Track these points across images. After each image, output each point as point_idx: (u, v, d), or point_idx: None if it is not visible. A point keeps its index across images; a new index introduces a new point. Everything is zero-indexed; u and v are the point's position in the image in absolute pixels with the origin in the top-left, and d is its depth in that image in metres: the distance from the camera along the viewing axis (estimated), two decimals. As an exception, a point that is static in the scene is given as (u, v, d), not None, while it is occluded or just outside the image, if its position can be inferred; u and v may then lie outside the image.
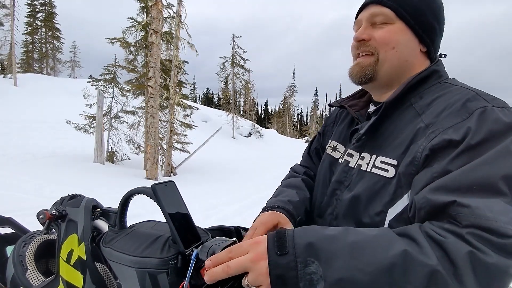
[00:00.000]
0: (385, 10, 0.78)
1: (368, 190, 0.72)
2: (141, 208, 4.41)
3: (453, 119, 0.63)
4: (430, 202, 0.57)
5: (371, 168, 0.74)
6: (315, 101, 48.04)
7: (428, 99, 0.73)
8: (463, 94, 0.67)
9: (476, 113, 0.61)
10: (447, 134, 0.62)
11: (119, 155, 12.00)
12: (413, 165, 0.65)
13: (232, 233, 0.82)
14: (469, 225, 0.51)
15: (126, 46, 11.21)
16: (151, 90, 9.29)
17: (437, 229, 0.54)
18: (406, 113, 0.74)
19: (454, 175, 0.57)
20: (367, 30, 0.80)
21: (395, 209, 0.67)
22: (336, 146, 0.92)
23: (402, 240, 0.53)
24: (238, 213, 5.83)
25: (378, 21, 0.79)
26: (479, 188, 0.54)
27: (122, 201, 0.76)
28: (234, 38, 26.79)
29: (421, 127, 0.68)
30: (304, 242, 0.54)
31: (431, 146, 0.63)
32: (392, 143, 0.72)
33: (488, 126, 0.59)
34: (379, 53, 0.78)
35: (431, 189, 0.58)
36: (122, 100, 12.26)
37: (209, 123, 24.81)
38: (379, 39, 0.78)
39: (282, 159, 15.51)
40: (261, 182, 9.55)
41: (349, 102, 0.93)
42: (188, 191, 7.45)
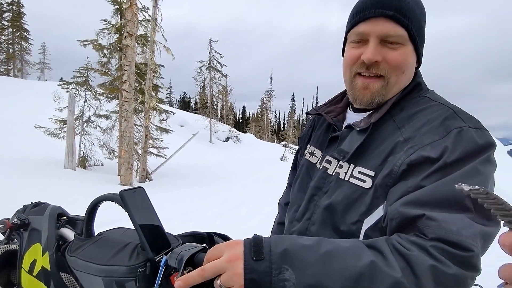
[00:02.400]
0: (400, 31, 0.72)
1: (346, 199, 0.74)
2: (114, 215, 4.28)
3: (431, 136, 0.65)
4: (401, 214, 0.60)
5: (349, 177, 0.75)
6: (292, 106, 48.68)
7: (409, 112, 0.74)
8: (442, 111, 0.69)
9: (454, 132, 0.64)
10: (425, 151, 0.64)
11: (91, 160, 11.58)
12: (390, 177, 0.67)
13: (204, 239, 0.81)
14: (435, 238, 0.55)
15: (99, 49, 10.89)
16: (126, 94, 9.06)
17: (404, 242, 0.57)
18: (385, 126, 0.75)
19: (425, 190, 0.60)
20: (379, 50, 0.73)
21: (371, 219, 0.69)
22: (314, 151, 0.93)
23: (370, 251, 0.56)
24: (216, 217, 5.78)
25: (391, 41, 0.73)
26: (447, 204, 0.57)
27: (89, 208, 0.74)
28: (211, 42, 26.73)
29: (400, 141, 0.70)
30: (279, 250, 0.56)
31: (409, 161, 0.65)
32: (370, 154, 0.74)
33: (463, 146, 0.62)
34: (390, 77, 0.75)
35: (403, 202, 0.61)
36: (95, 104, 11.87)
37: (186, 128, 24.51)
38: (393, 63, 0.73)
39: (260, 164, 15.57)
40: (239, 186, 9.53)
41: (326, 109, 0.93)
42: (165, 196, 7.30)
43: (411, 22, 0.72)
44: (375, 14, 0.72)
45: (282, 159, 21.96)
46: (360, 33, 0.75)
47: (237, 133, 29.69)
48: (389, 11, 0.71)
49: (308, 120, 1.09)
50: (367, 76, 0.76)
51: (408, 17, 0.72)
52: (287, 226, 0.91)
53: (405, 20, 0.72)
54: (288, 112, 49.25)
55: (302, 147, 1.03)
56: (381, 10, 0.72)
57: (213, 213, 6.02)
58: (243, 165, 15.15)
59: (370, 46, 0.73)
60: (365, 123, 0.76)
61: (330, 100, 0.97)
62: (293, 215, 0.88)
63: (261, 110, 46.22)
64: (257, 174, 12.19)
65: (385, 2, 0.72)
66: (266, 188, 9.17)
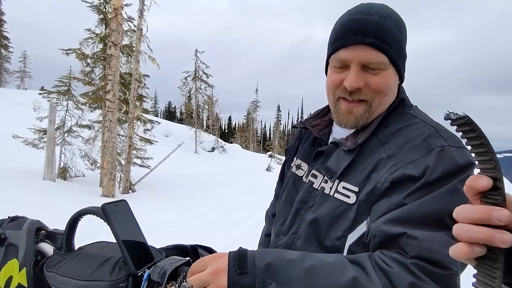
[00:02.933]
0: (381, 57, 0.73)
1: (330, 214, 0.74)
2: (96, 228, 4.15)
3: (414, 154, 0.67)
4: (383, 232, 0.62)
5: (333, 192, 0.76)
6: (278, 117, 49.05)
7: (393, 129, 0.75)
8: (424, 129, 0.71)
9: (435, 151, 0.65)
10: (407, 169, 0.65)
11: (72, 171, 11.26)
12: (373, 194, 0.68)
13: (189, 252, 0.81)
14: (415, 256, 0.57)
15: (83, 58, 10.74)
16: (109, 104, 8.92)
17: (386, 258, 0.59)
18: (370, 142, 0.76)
19: (407, 208, 0.62)
20: (361, 76, 0.74)
21: (354, 235, 0.70)
22: (300, 164, 0.93)
23: (353, 267, 0.58)
24: (200, 229, 5.69)
25: (372, 67, 0.74)
26: (428, 222, 0.59)
27: (70, 222, 0.73)
28: (197, 53, 26.79)
29: (383, 158, 0.71)
30: (263, 264, 0.57)
31: (392, 179, 0.66)
32: (354, 170, 0.75)
33: (444, 165, 0.63)
34: (373, 101, 0.76)
35: (386, 219, 0.63)
36: (77, 114, 11.62)
37: (171, 138, 24.25)
38: (376, 88, 0.75)
39: (246, 174, 15.52)
40: (224, 197, 9.44)
41: (312, 123, 0.93)
42: (148, 208, 7.14)
43: (391, 46, 0.73)
44: (355, 41, 0.72)
45: (268, 170, 21.96)
46: (341, 60, 0.76)
47: (222, 143, 29.56)
48: (368, 38, 0.71)
49: (295, 132, 1.10)
50: (350, 100, 0.77)
51: (388, 42, 0.72)
52: (273, 239, 0.92)
53: (385, 46, 0.72)
54: (274, 123, 49.58)
55: (289, 159, 1.04)
56: (360, 38, 0.72)
57: (198, 225, 5.93)
58: (228, 175, 15.07)
59: (352, 73, 0.74)
60: (352, 143, 0.77)
61: (316, 113, 0.98)
62: (280, 229, 0.88)
63: (247, 120, 46.34)
64: (242, 184, 12.13)
65: (364, 29, 0.72)
66: (251, 199, 9.13)
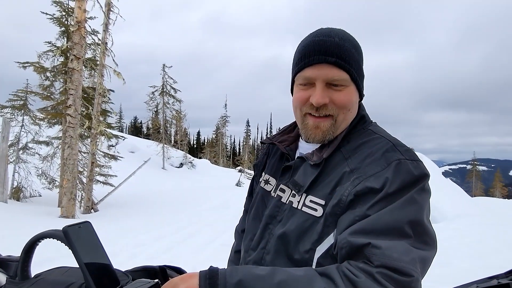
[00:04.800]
0: (343, 75, 0.78)
1: (298, 228, 0.76)
2: (54, 252, 3.86)
3: (374, 167, 0.72)
4: (349, 243, 0.65)
5: (301, 206, 0.78)
6: (247, 131, 49.34)
7: (354, 144, 0.80)
8: (383, 144, 0.76)
9: (393, 164, 0.71)
10: (369, 182, 0.70)
11: (27, 191, 10.48)
12: (338, 207, 0.72)
13: (157, 273, 0.78)
14: (380, 265, 0.60)
15: (41, 71, 10.20)
16: (70, 119, 8.50)
17: (353, 268, 0.61)
18: (334, 157, 0.81)
19: (370, 219, 0.66)
20: (325, 92, 0.79)
21: (322, 247, 0.73)
22: (269, 179, 0.95)
23: (322, 279, 0.60)
24: (169, 248, 5.49)
25: (336, 83, 0.79)
26: (389, 231, 0.64)
27: (26, 247, 0.68)
28: (164, 68, 26.50)
29: (347, 171, 0.75)
30: (234, 281, 0.57)
31: (355, 192, 0.70)
32: (320, 184, 0.78)
33: (401, 177, 0.69)
34: (338, 116, 0.80)
35: (351, 231, 0.66)
36: (34, 130, 10.93)
37: (137, 154, 23.46)
38: (340, 104, 0.79)
39: (215, 190, 15.30)
40: (193, 214, 9.21)
41: (279, 138, 0.96)
42: (112, 228, 6.78)
43: (351, 65, 0.79)
44: (319, 60, 0.78)
45: (238, 185, 21.83)
46: (306, 78, 0.80)
47: (191, 158, 29.06)
48: (331, 58, 0.77)
49: (263, 147, 1.11)
50: (317, 116, 0.81)
51: (348, 61, 0.78)
52: (243, 255, 0.91)
53: (346, 65, 0.78)
54: (243, 138, 49.77)
55: (258, 174, 1.05)
56: (323, 57, 0.77)
57: (166, 244, 5.71)
58: (197, 191, 14.76)
59: (318, 90, 0.79)
60: (318, 158, 0.80)
61: (283, 130, 1.01)
62: (249, 244, 0.89)
63: (216, 135, 46.10)
64: (212, 201, 11.93)
65: (327, 50, 0.77)
66: (221, 216, 8.99)
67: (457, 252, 5.03)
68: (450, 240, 5.76)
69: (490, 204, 12.21)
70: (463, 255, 4.91)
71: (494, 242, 5.65)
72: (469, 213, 8.04)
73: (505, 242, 5.63)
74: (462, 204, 8.99)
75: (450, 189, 9.99)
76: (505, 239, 5.82)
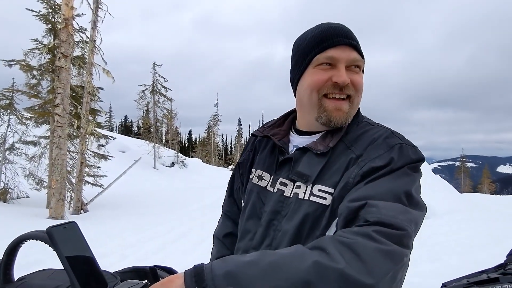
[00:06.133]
0: (360, 58, 0.84)
1: (309, 217, 0.77)
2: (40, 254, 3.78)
3: (378, 151, 0.77)
4: (347, 208, 0.68)
5: (308, 196, 0.79)
6: (239, 130, 49.32)
7: (354, 134, 0.84)
8: (382, 132, 0.81)
9: (396, 147, 0.76)
10: (374, 163, 0.74)
11: (14, 192, 10.26)
12: (345, 189, 0.75)
13: (147, 274, 0.76)
14: (375, 222, 0.62)
15: (28, 70, 9.97)
16: (58, 118, 8.34)
17: (347, 234, 0.62)
18: (337, 146, 0.83)
19: (369, 186, 0.71)
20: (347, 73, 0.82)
21: (330, 231, 0.75)
22: (262, 174, 0.92)
23: (313, 252, 0.59)
24: (160, 249, 5.44)
25: (355, 65, 0.83)
26: (386, 196, 0.68)
27: (8, 250, 0.65)
28: (154, 66, 26.24)
29: (353, 158, 0.79)
30: (222, 272, 0.55)
31: (362, 172, 0.74)
32: (328, 173, 0.79)
33: (404, 158, 0.75)
34: (354, 99, 0.84)
35: (350, 198, 0.70)
36: (21, 129, 10.69)
37: (128, 153, 23.19)
38: (357, 85, 0.83)
39: (207, 189, 15.24)
40: (185, 213, 9.16)
41: (271, 131, 0.94)
42: (102, 229, 6.68)
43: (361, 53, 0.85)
44: (344, 42, 0.82)
45: (230, 184, 21.76)
46: (330, 58, 0.81)
47: (183, 158, 28.86)
48: (353, 41, 0.83)
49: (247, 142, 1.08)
50: (338, 98, 0.82)
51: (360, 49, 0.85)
52: None
53: (361, 51, 0.85)
54: (235, 136, 49.76)
55: (244, 172, 1.02)
56: (347, 40, 0.82)
57: (157, 245, 5.66)
58: (189, 191, 14.69)
59: (342, 70, 0.81)
60: (324, 147, 0.82)
61: (271, 123, 0.99)
62: (249, 244, 0.86)
63: (208, 134, 45.92)
64: (203, 200, 11.88)
65: (348, 34, 0.83)
66: (213, 215, 8.95)
67: (446, 248, 5.11)
68: (439, 236, 5.85)
69: (478, 200, 12.46)
70: (452, 251, 4.99)
71: (483, 238, 5.77)
72: (458, 209, 8.19)
73: (494, 237, 5.75)
74: (452, 200, 9.15)
75: (440, 186, 10.16)
76: (494, 235, 5.94)
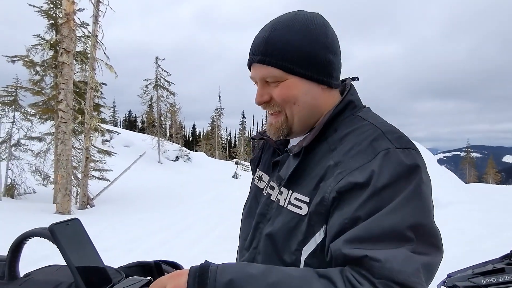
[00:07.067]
0: (273, 71, 0.74)
1: (284, 227, 0.73)
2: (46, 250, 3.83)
3: (359, 160, 0.65)
4: (344, 256, 0.59)
5: (287, 204, 0.74)
6: (243, 123, 49.24)
7: (341, 133, 0.74)
8: (370, 132, 0.69)
9: (380, 155, 0.64)
10: (353, 177, 0.63)
11: (21, 188, 10.39)
12: (322, 205, 0.66)
13: (152, 269, 0.76)
14: (380, 278, 0.55)
15: (31, 66, 10.01)
16: (62, 114, 8.38)
17: (356, 274, 0.57)
18: (319, 148, 0.75)
19: (364, 225, 0.59)
20: (265, 90, 0.77)
21: (309, 247, 0.68)
22: (262, 176, 0.91)
23: (321, 282, 0.56)
24: (165, 242, 5.50)
25: (270, 81, 0.76)
26: (387, 238, 0.57)
27: (13, 247, 0.65)
28: (157, 60, 26.19)
29: (331, 165, 0.69)
30: (224, 280, 0.55)
31: (338, 188, 0.64)
32: (305, 180, 0.73)
33: (390, 169, 0.61)
34: (285, 111, 0.77)
35: (345, 241, 0.60)
36: (26, 126, 10.78)
37: (132, 148, 23.31)
38: (278, 99, 0.76)
39: (212, 182, 15.31)
40: (189, 207, 9.23)
41: None
42: (108, 223, 6.77)
43: (282, 58, 0.73)
44: (250, 62, 0.78)
45: (235, 177, 21.88)
46: (251, 78, 0.81)
47: (187, 152, 28.96)
48: (256, 56, 0.76)
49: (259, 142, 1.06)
50: (271, 113, 0.80)
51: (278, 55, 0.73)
52: (238, 256, 0.89)
53: (273, 60, 0.73)
54: (239, 130, 49.74)
55: (253, 170, 1.02)
56: (252, 57, 0.77)
57: (162, 239, 5.72)
58: (194, 184, 14.77)
59: (257, 90, 0.79)
60: (298, 147, 0.76)
61: None
62: (243, 244, 0.86)
63: (212, 128, 45.97)
64: (208, 194, 11.94)
65: (254, 48, 0.77)
66: (217, 208, 9.01)
67: (452, 238, 5.10)
68: (444, 227, 5.84)
69: (483, 190, 12.38)
70: (458, 241, 4.99)
71: (488, 228, 5.74)
72: (463, 199, 8.15)
73: (499, 227, 5.73)
74: (456, 190, 9.11)
75: (445, 176, 10.11)
76: (499, 225, 5.91)
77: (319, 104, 0.78)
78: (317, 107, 0.78)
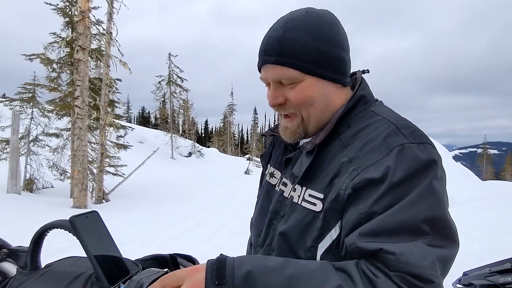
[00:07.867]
0: (289, 72, 0.71)
1: (299, 224, 0.72)
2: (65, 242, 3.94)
3: (374, 156, 0.64)
4: (359, 250, 0.59)
5: (301, 201, 0.74)
6: (255, 119, 49.24)
7: (354, 129, 0.73)
8: (384, 128, 0.68)
9: (395, 150, 0.63)
10: (367, 173, 0.63)
11: (39, 183, 10.70)
12: (337, 202, 0.66)
13: (167, 262, 0.77)
14: (396, 270, 0.55)
15: (48, 63, 10.24)
16: (78, 110, 8.57)
17: (372, 267, 0.57)
18: (332, 145, 0.74)
19: (379, 219, 0.59)
20: (279, 92, 0.75)
21: (324, 244, 0.68)
22: (273, 172, 0.91)
23: (338, 275, 0.56)
24: (179, 236, 5.58)
25: (286, 82, 0.73)
26: (403, 231, 0.57)
27: (34, 238, 0.68)
28: (170, 57, 26.41)
29: (345, 162, 0.69)
30: (243, 273, 0.55)
31: (353, 185, 0.63)
32: (318, 176, 0.72)
33: (406, 164, 0.61)
34: (302, 113, 0.75)
35: (359, 234, 0.59)
36: (44, 122, 11.07)
37: (146, 144, 23.67)
38: (295, 101, 0.74)
39: (224, 178, 15.41)
40: (202, 202, 9.32)
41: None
42: (123, 217, 6.91)
43: (299, 58, 0.70)
44: (263, 62, 0.74)
45: (247, 173, 21.94)
46: (262, 79, 0.78)
47: (199, 147, 29.21)
48: (270, 57, 0.72)
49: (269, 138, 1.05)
50: (286, 115, 0.78)
51: (295, 55, 0.70)
52: (253, 251, 0.89)
53: (290, 60, 0.70)
54: (251, 126, 49.75)
55: (264, 165, 1.01)
56: (265, 58, 0.73)
57: (176, 233, 5.80)
58: (206, 180, 14.89)
59: (270, 91, 0.76)
60: (311, 145, 0.75)
61: None
62: (256, 240, 0.86)
63: (224, 124, 46.13)
64: (220, 189, 12.02)
65: (268, 49, 0.72)
66: (230, 203, 9.07)
67: (467, 236, 4.99)
68: (460, 224, 5.69)
69: (501, 187, 12.06)
70: (474, 239, 4.88)
71: (505, 226, 5.59)
72: (479, 196, 7.95)
73: (518, 225, 5.56)
74: (473, 187, 8.89)
75: (461, 173, 9.88)
76: (518, 223, 5.75)
77: (334, 102, 0.77)
78: (331, 106, 0.77)
